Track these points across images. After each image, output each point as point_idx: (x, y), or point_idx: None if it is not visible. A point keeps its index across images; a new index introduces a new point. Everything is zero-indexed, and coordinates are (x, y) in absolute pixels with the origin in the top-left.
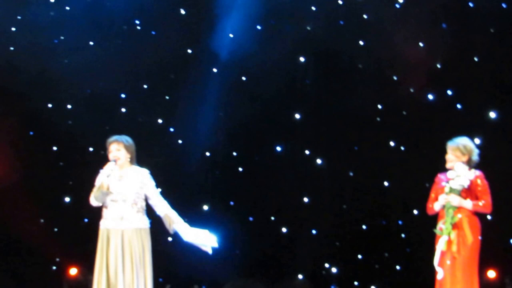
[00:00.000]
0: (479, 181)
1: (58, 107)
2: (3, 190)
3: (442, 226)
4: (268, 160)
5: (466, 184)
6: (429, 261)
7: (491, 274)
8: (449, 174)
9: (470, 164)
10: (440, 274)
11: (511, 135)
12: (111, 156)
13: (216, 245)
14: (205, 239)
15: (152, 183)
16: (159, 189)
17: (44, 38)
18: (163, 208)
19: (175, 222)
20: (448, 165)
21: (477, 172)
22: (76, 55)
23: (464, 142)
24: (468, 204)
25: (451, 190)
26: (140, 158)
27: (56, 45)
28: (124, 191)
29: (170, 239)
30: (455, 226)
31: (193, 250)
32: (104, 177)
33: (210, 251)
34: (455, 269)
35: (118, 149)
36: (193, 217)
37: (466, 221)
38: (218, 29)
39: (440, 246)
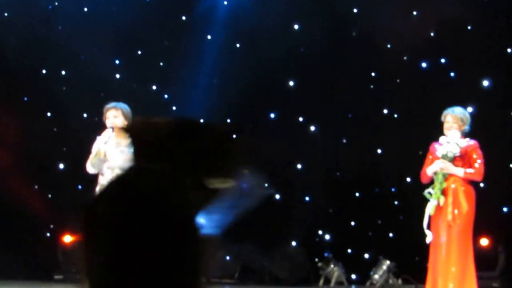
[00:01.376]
0: (473, 150)
1: (52, 73)
2: None
3: (431, 191)
4: (262, 127)
5: (457, 151)
6: (422, 228)
7: (484, 242)
8: (441, 140)
9: (464, 133)
10: (429, 237)
11: (503, 103)
12: (108, 122)
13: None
14: None
15: None
16: None
17: (38, 5)
18: None
19: None
20: (447, 130)
21: (471, 142)
22: (70, 22)
23: (463, 111)
24: (459, 171)
25: (443, 157)
26: None
27: (50, 11)
28: (121, 159)
29: None
30: (446, 193)
31: None
32: (101, 144)
33: None
34: (450, 237)
35: (116, 116)
36: None
37: (461, 190)
38: None
39: (428, 210)
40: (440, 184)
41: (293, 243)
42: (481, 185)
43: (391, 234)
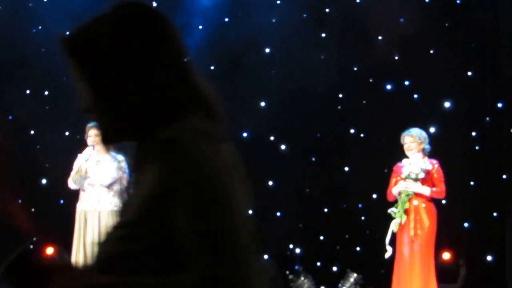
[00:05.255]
0: (435, 170)
1: (35, 93)
2: None
3: (395, 210)
4: (234, 145)
5: (422, 174)
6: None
7: (446, 256)
8: (404, 162)
9: (424, 151)
10: (388, 252)
11: (463, 124)
12: (89, 141)
13: None
14: None
15: (126, 170)
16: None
17: (22, 28)
18: None
19: None
20: (408, 153)
21: (433, 161)
22: (53, 44)
23: (420, 131)
24: (426, 190)
25: (406, 178)
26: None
27: (34, 34)
28: (101, 176)
29: None
30: (408, 211)
31: None
32: (82, 161)
33: None
34: (413, 252)
35: (97, 135)
36: None
37: (423, 207)
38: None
39: (392, 227)
40: (403, 204)
41: (265, 256)
42: (443, 202)
43: (358, 248)
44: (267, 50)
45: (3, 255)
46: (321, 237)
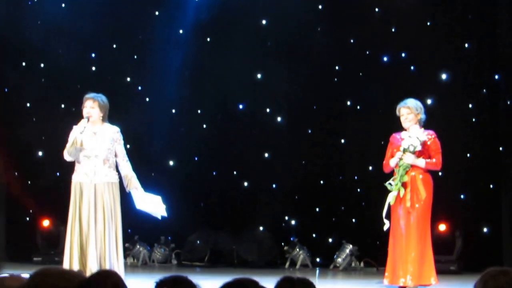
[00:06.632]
0: (431, 141)
1: (31, 66)
2: None
3: (392, 182)
4: (231, 118)
5: (419, 147)
6: (382, 215)
7: (442, 227)
8: (403, 134)
9: (420, 122)
10: (386, 226)
11: (460, 96)
12: (85, 112)
13: (165, 214)
14: (155, 209)
15: (121, 140)
16: (127, 146)
17: (18, 1)
18: (125, 169)
19: (132, 185)
20: (405, 125)
21: (430, 132)
22: (49, 17)
23: (415, 101)
24: (421, 162)
25: (405, 150)
26: (110, 114)
27: (30, 6)
28: (97, 147)
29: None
30: (406, 183)
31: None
32: (78, 133)
33: (159, 218)
34: (409, 223)
35: (93, 107)
36: (159, 170)
37: (420, 178)
38: None
39: (389, 199)
40: (401, 177)
41: (261, 228)
42: (439, 173)
43: (353, 220)
44: (264, 22)
45: (0, 228)
46: (317, 209)
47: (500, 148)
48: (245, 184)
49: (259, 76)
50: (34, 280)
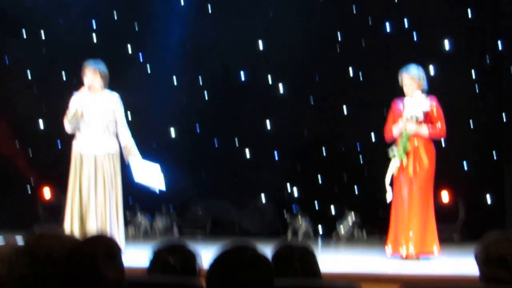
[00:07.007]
0: (434, 108)
1: (32, 36)
2: None
3: (394, 148)
4: (232, 87)
5: (421, 117)
6: (384, 184)
7: (445, 196)
8: (406, 101)
9: (422, 89)
10: (389, 195)
11: (462, 64)
12: (85, 80)
13: (163, 188)
14: (153, 182)
15: (121, 108)
16: (128, 117)
17: None
18: (125, 138)
19: (131, 154)
20: (407, 91)
21: (432, 99)
22: None
23: (417, 68)
24: (424, 130)
25: (409, 119)
26: (111, 87)
27: None
28: (97, 116)
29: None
30: (408, 152)
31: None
32: (78, 102)
33: (157, 191)
34: (412, 192)
35: (94, 77)
36: (160, 141)
37: (422, 147)
38: None
39: (391, 168)
40: (404, 145)
41: (263, 198)
42: (442, 142)
43: (356, 189)
44: None
45: (2, 198)
46: (319, 178)
47: (503, 117)
48: (247, 153)
49: (260, 45)
50: (28, 243)
